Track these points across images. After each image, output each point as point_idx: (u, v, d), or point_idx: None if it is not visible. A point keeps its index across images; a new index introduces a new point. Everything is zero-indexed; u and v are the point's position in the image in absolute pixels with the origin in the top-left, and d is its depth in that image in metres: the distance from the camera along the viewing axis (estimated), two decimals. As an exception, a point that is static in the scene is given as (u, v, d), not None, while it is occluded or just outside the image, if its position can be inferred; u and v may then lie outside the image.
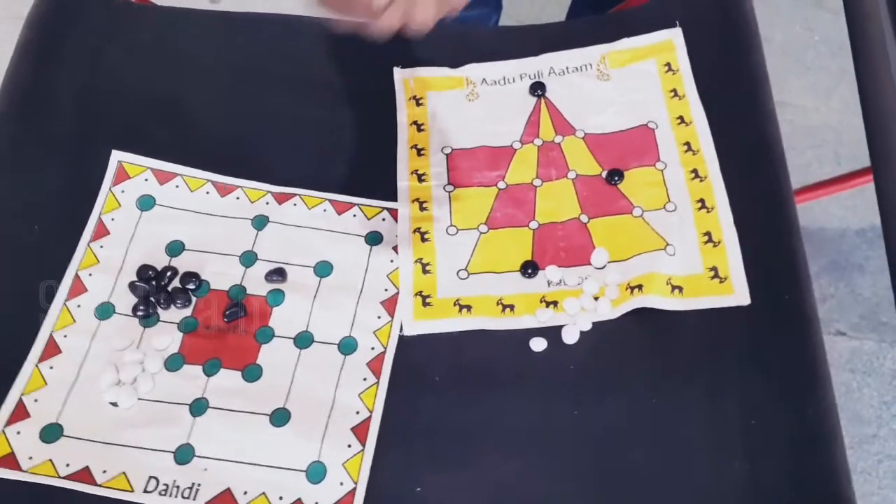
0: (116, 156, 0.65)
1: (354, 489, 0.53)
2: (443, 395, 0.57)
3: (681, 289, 0.59)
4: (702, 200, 0.63)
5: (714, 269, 0.60)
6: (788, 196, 0.61)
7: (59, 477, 0.53)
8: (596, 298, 0.60)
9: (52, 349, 0.58)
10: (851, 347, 1.27)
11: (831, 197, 1.29)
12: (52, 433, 0.55)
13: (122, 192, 0.64)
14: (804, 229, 1.45)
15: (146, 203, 0.64)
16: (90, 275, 0.61)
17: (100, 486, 0.53)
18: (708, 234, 0.61)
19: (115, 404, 0.56)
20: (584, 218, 0.63)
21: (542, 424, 0.55)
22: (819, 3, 1.54)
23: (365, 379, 0.58)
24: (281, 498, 0.53)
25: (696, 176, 0.64)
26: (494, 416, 0.56)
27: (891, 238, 0.55)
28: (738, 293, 0.59)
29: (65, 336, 0.58)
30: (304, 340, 0.59)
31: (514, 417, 0.56)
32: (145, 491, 0.53)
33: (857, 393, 1.25)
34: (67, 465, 0.54)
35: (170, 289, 0.60)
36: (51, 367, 0.57)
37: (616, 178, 0.64)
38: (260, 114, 0.69)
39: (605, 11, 0.78)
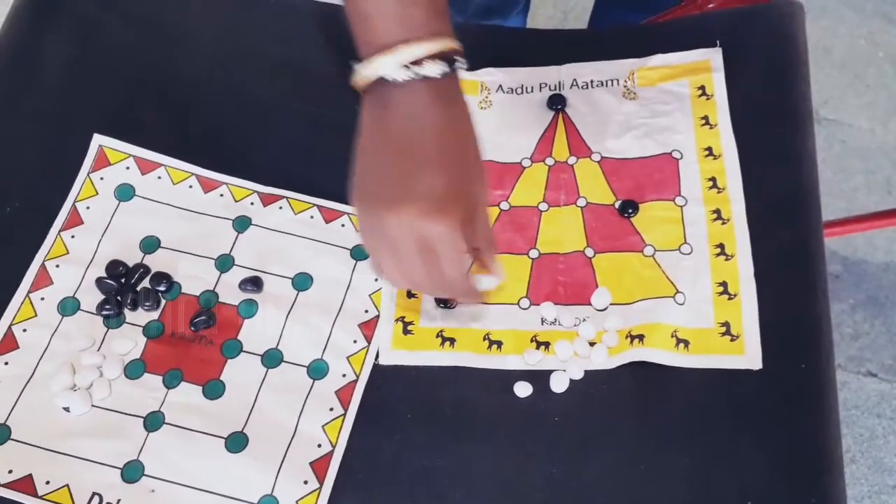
0: (98, 140, 0.61)
1: (306, 529, 0.50)
2: (412, 436, 0.52)
3: (687, 343, 0.54)
4: (721, 246, 0.57)
5: (726, 324, 0.54)
6: (819, 252, 0.55)
7: (0, 484, 0.50)
8: (592, 344, 0.55)
9: (9, 343, 0.55)
10: (881, 391, 1.20)
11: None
12: (-2, 435, 0.52)
13: (101, 179, 0.61)
14: (844, 260, 1.37)
15: (125, 193, 0.60)
16: (57, 266, 0.57)
17: (40, 497, 0.50)
18: (724, 284, 0.55)
19: (67, 409, 0.53)
20: (589, 252, 0.58)
21: (515, 481, 0.51)
22: (888, 16, 1.43)
23: (331, 409, 0.53)
24: (227, 530, 0.50)
25: (719, 217, 0.58)
26: (465, 465, 0.51)
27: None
28: (749, 355, 0.53)
29: (24, 330, 0.55)
30: (272, 359, 0.55)
31: (485, 469, 0.51)
32: (86, 508, 0.50)
33: (881, 440, 1.17)
34: (10, 471, 0.51)
35: (139, 289, 0.57)
36: (6, 364, 0.54)
37: (630, 211, 0.59)
38: (255, 105, 0.64)
39: (632, 6, 0.71)
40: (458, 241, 0.46)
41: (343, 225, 0.60)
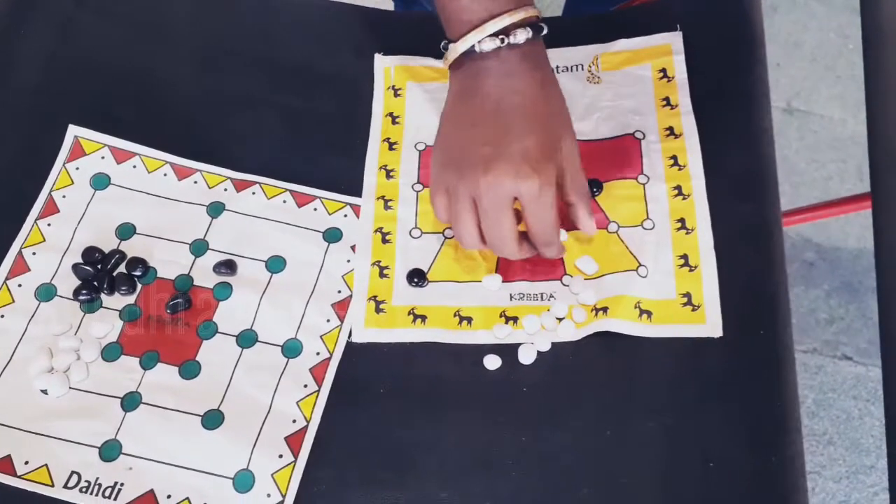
0: (73, 130, 0.63)
1: (282, 502, 0.51)
2: (385, 410, 0.53)
3: (650, 314, 0.55)
4: (682, 220, 0.58)
5: (687, 295, 0.56)
6: (777, 225, 0.56)
7: (-21, 465, 0.51)
8: (560, 319, 0.56)
9: (-13, 329, 0.56)
10: (856, 373, 1.22)
11: (850, 215, 1.23)
12: (-23, 418, 0.53)
13: (77, 168, 0.62)
14: (818, 247, 1.40)
15: (100, 182, 0.62)
16: (34, 253, 0.58)
17: (19, 477, 0.51)
18: (685, 257, 0.57)
19: (45, 392, 0.54)
20: (556, 230, 0.59)
21: (486, 450, 0.52)
22: (856, 8, 1.45)
23: (306, 385, 0.55)
24: (204, 504, 0.51)
25: (679, 193, 0.59)
26: (437, 437, 0.52)
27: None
28: (710, 323, 0.55)
29: (2, 316, 0.56)
30: (247, 339, 0.56)
31: (457, 440, 0.52)
32: (65, 486, 0.51)
33: (857, 421, 1.19)
34: (-11, 452, 0.52)
35: (115, 274, 0.58)
36: (-16, 348, 0.55)
37: (594, 190, 0.60)
38: (228, 95, 0.66)
39: (605, 3, 0.74)
40: (551, 196, 0.50)
41: (315, 209, 0.61)
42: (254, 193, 0.61)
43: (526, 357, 0.55)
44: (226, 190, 0.61)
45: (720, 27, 0.66)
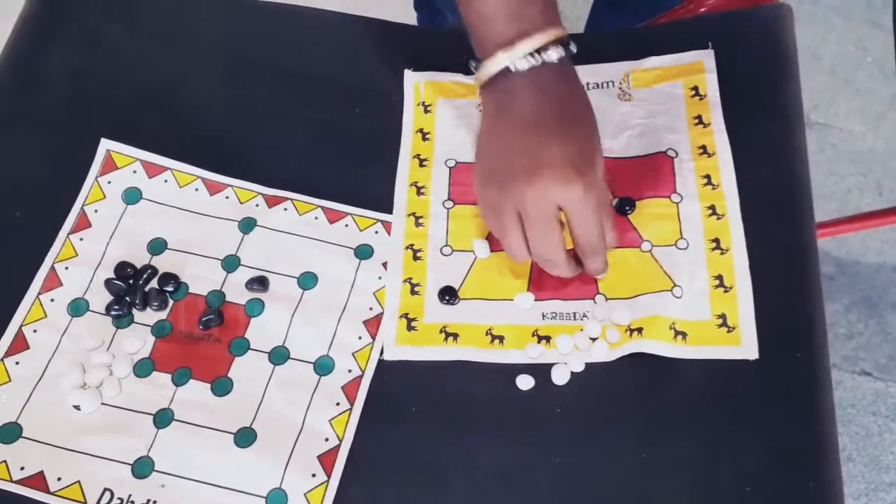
0: (105, 144, 0.63)
1: (315, 521, 0.51)
2: (417, 429, 0.53)
3: (684, 335, 0.55)
4: (717, 240, 0.58)
5: (723, 316, 0.56)
6: (812, 245, 0.56)
7: (12, 481, 0.51)
8: (594, 339, 0.56)
9: (19, 344, 0.56)
10: (875, 389, 1.21)
11: (870, 229, 1.23)
12: (10, 434, 0.53)
13: (109, 182, 0.62)
14: (838, 261, 1.39)
15: (132, 196, 0.62)
16: (66, 268, 0.58)
17: (52, 493, 0.51)
18: (720, 277, 0.57)
19: (77, 408, 0.54)
20: (588, 248, 0.59)
21: (519, 471, 0.52)
22: (875, 22, 1.46)
23: (338, 404, 0.55)
24: (237, 523, 0.51)
25: (714, 213, 0.59)
26: (469, 456, 0.52)
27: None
28: (745, 345, 0.54)
29: (34, 331, 0.56)
30: (279, 356, 0.56)
31: (489, 460, 0.52)
32: (98, 503, 0.51)
33: (877, 437, 1.19)
34: (22, 468, 0.52)
35: (147, 289, 0.58)
36: (17, 363, 0.55)
37: (627, 208, 0.60)
38: (259, 109, 0.66)
39: (627, 12, 0.74)
40: (596, 200, 0.50)
41: (347, 225, 0.61)
42: (285, 209, 0.61)
43: (559, 377, 0.55)
44: (257, 205, 0.62)
45: (752, 44, 0.66)
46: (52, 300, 0.57)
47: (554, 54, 0.50)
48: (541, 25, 0.50)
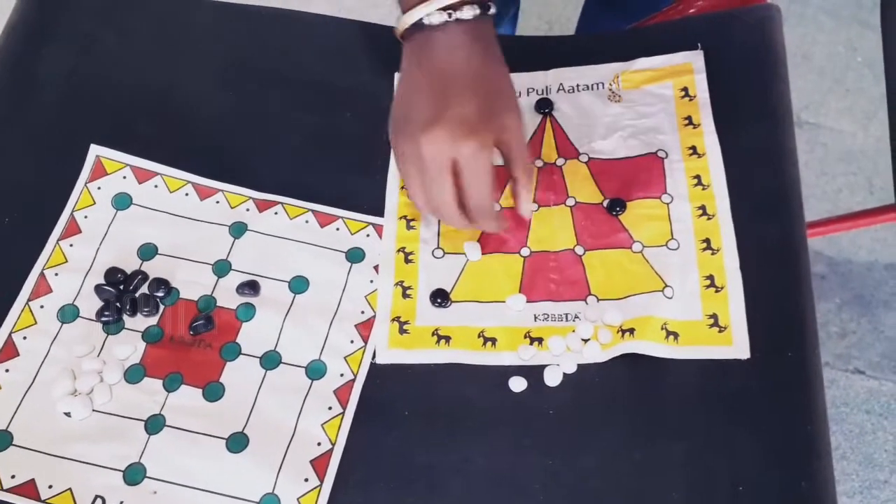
0: (95, 150, 0.62)
1: (308, 526, 0.50)
2: (410, 432, 0.53)
3: (676, 335, 0.55)
4: (707, 241, 0.58)
5: (714, 316, 0.56)
6: (802, 245, 0.56)
7: (3, 489, 0.51)
8: (585, 340, 0.56)
9: (9, 351, 0.55)
10: (869, 387, 1.21)
11: (861, 228, 1.23)
12: (0, 442, 0.52)
13: (99, 188, 0.62)
14: (830, 260, 1.39)
15: (122, 202, 0.61)
16: (56, 274, 0.58)
17: (44, 501, 0.51)
18: (710, 277, 0.57)
19: (68, 415, 0.54)
20: (579, 249, 0.59)
21: (512, 473, 0.52)
22: (865, 21, 1.46)
23: (330, 408, 0.54)
24: (230, 529, 0.50)
25: (704, 213, 0.59)
26: (462, 460, 0.52)
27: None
28: (737, 345, 0.54)
29: (24, 338, 0.56)
30: (270, 361, 0.56)
31: (482, 463, 0.52)
32: (89, 510, 0.51)
33: (871, 435, 1.19)
34: (13, 476, 0.52)
35: (137, 295, 0.58)
36: (6, 371, 0.55)
37: (618, 209, 0.60)
38: (249, 113, 0.66)
39: (618, 13, 0.74)
40: (487, 161, 0.51)
41: (338, 229, 0.61)
42: (276, 213, 0.61)
43: (552, 379, 0.55)
44: (248, 210, 0.61)
45: (741, 45, 0.66)
46: (42, 307, 0.57)
47: (468, 12, 0.51)
48: None
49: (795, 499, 0.49)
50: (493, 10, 0.53)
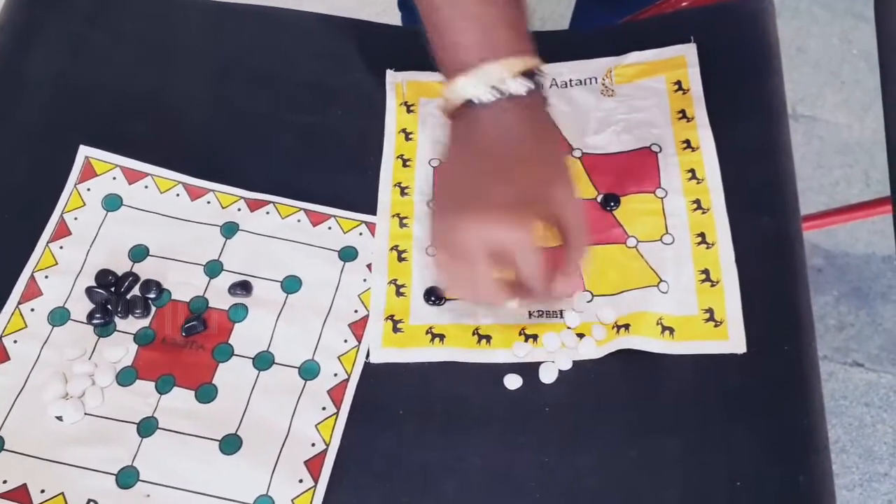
0: (84, 151, 0.62)
1: (303, 528, 0.50)
2: (404, 432, 0.53)
3: (672, 330, 0.55)
4: (702, 235, 0.58)
5: (710, 310, 0.55)
6: (798, 239, 0.56)
7: (-5, 494, 0.51)
8: (580, 336, 0.55)
9: (0, 355, 0.55)
10: (868, 380, 1.21)
11: (858, 220, 1.23)
12: (-9, 446, 0.52)
13: (88, 189, 0.61)
14: (827, 253, 1.39)
15: (112, 203, 0.61)
16: (46, 277, 0.58)
17: (35, 506, 0.50)
18: (706, 272, 0.56)
19: (60, 418, 0.53)
20: (573, 246, 0.59)
21: (508, 471, 0.51)
22: (859, 14, 1.46)
23: (324, 408, 0.54)
24: (224, 532, 0.50)
25: (699, 207, 0.59)
26: (458, 458, 0.52)
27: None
28: (733, 340, 0.54)
29: (15, 341, 0.55)
30: (263, 361, 0.56)
31: (478, 462, 0.52)
32: (82, 515, 0.50)
33: (870, 428, 1.19)
34: (4, 481, 0.51)
35: (129, 296, 0.57)
36: (-3, 374, 0.54)
37: (612, 204, 0.60)
38: (240, 113, 0.65)
39: (611, 7, 0.73)
40: (526, 243, 0.47)
41: (330, 227, 0.61)
42: (268, 213, 0.61)
43: (547, 376, 0.54)
44: (239, 210, 0.61)
45: (734, 38, 0.66)
46: (33, 310, 0.57)
47: (520, 87, 0.46)
48: (507, 54, 0.46)
49: (793, 493, 0.49)
50: (545, 84, 0.48)
